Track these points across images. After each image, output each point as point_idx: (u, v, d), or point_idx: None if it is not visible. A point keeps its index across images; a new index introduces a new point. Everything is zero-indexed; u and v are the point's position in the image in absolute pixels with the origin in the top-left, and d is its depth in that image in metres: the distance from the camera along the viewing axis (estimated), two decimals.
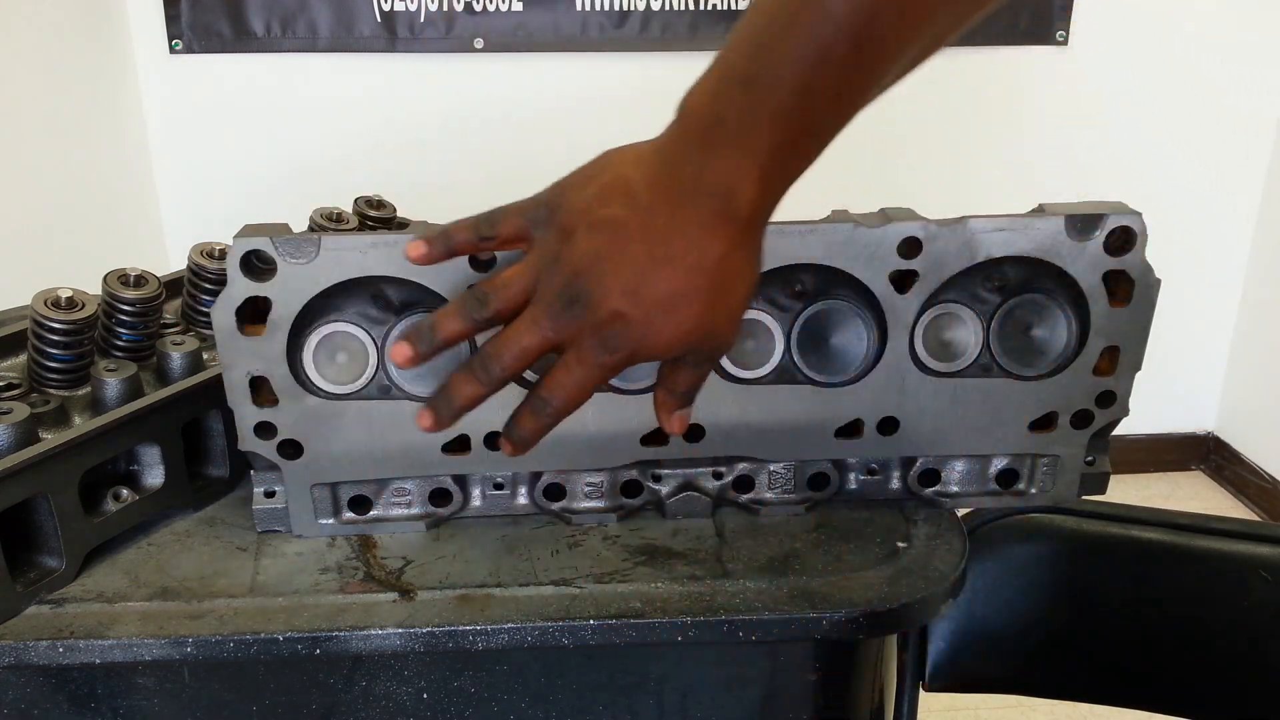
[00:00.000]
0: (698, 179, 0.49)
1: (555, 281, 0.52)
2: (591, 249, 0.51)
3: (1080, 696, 0.82)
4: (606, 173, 0.52)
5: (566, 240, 0.52)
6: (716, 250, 0.50)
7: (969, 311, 0.67)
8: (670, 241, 0.50)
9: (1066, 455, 0.71)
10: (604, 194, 0.51)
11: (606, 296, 0.51)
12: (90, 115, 1.97)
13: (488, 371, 0.54)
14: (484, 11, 2.11)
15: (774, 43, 0.47)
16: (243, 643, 0.59)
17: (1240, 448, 2.53)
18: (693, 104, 0.50)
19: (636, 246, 0.50)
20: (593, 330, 0.52)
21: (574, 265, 0.51)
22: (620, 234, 0.50)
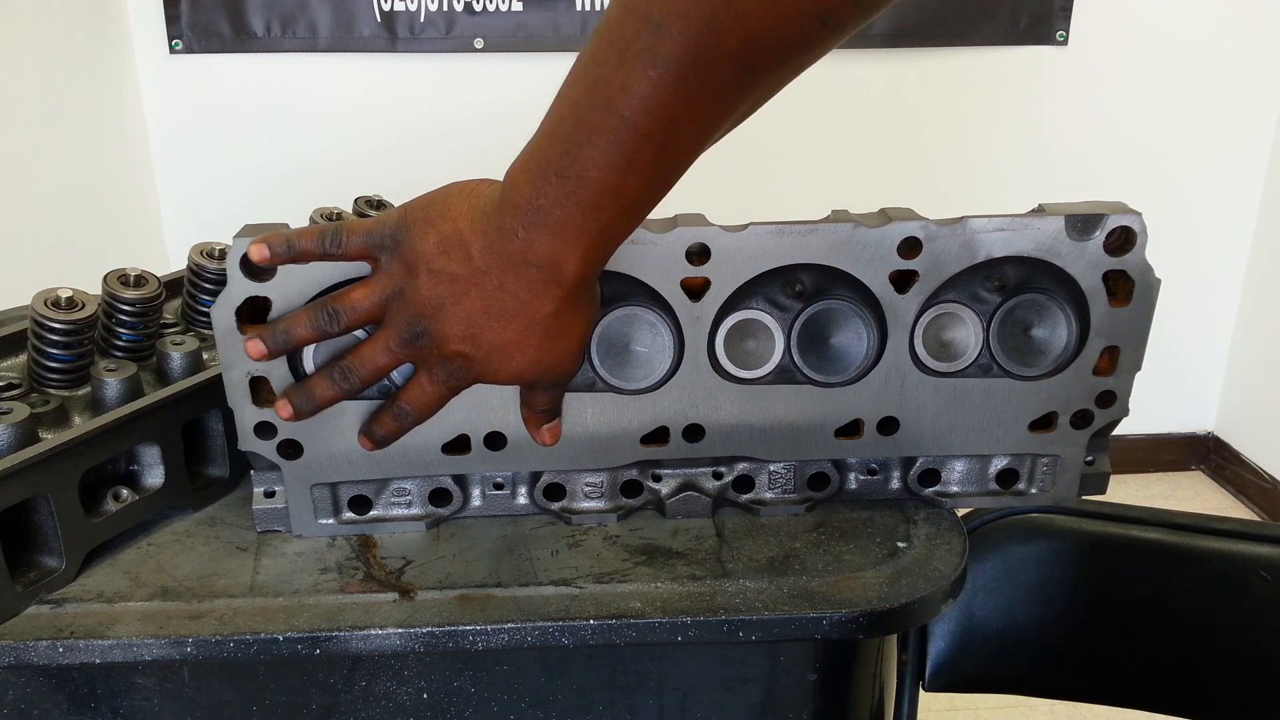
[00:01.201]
0: (524, 253, 0.53)
1: (403, 314, 0.57)
2: (434, 295, 0.56)
3: (1080, 697, 0.82)
4: (445, 222, 0.56)
5: (410, 277, 0.57)
6: (545, 310, 0.56)
7: (969, 311, 0.67)
8: (503, 301, 0.55)
9: (1066, 455, 0.71)
10: (443, 246, 0.55)
11: (448, 339, 0.56)
12: (90, 115, 1.97)
13: (347, 381, 0.60)
14: (484, 11, 2.11)
15: (582, 145, 0.50)
16: (243, 643, 0.59)
17: (1240, 448, 2.53)
18: (516, 185, 0.53)
19: (473, 301, 0.55)
20: (439, 361, 0.58)
21: (419, 305, 0.56)
22: (458, 287, 0.55)
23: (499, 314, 0.56)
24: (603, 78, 0.49)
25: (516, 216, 0.53)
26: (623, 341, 0.66)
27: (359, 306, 0.59)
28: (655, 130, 0.49)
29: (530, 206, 0.53)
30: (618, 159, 0.50)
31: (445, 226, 0.55)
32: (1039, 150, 2.35)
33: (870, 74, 2.25)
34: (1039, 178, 2.37)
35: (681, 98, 0.48)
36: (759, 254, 0.64)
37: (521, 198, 0.53)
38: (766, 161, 2.31)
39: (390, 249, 0.58)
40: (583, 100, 0.50)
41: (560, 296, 0.55)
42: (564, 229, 0.52)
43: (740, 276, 0.64)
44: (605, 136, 0.49)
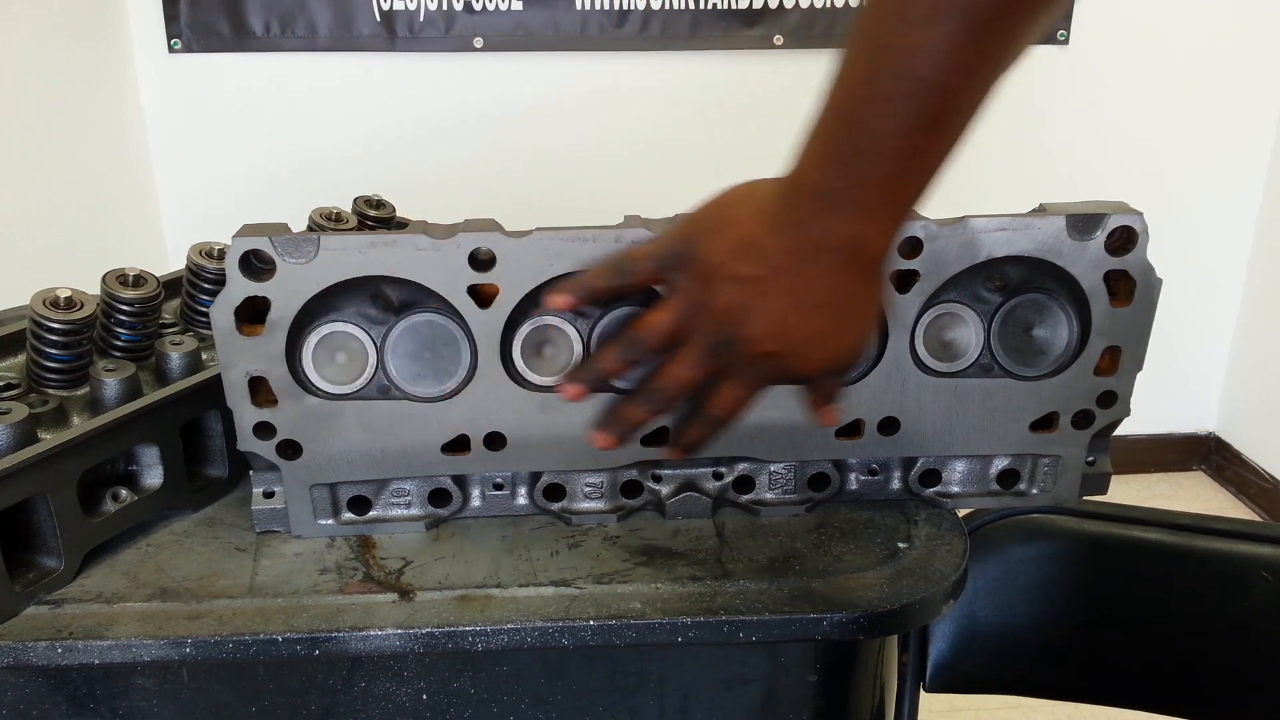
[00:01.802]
0: (823, 241, 0.53)
1: (705, 326, 0.57)
2: (735, 301, 0.55)
3: (1081, 697, 0.82)
4: (734, 227, 0.55)
5: (707, 288, 0.56)
6: (848, 293, 0.55)
7: (970, 311, 0.67)
8: (807, 293, 0.54)
9: (1068, 455, 0.71)
10: (736, 251, 0.55)
11: (756, 340, 0.56)
12: (89, 115, 1.97)
13: (654, 402, 0.60)
14: (483, 11, 2.11)
15: (875, 118, 0.49)
16: (242, 643, 0.59)
17: (1241, 448, 2.53)
18: (804, 174, 0.52)
19: (776, 299, 0.54)
20: (747, 364, 0.57)
21: (721, 313, 0.56)
22: (759, 288, 0.54)
23: (806, 307, 0.54)
24: (887, 45, 0.47)
25: (810, 205, 0.52)
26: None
27: (658, 329, 0.59)
28: (952, 84, 0.47)
29: (824, 192, 0.51)
30: (916, 123, 0.48)
31: (734, 232, 0.55)
32: (1039, 150, 2.35)
33: None
34: (1039, 177, 2.36)
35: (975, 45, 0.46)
36: None
37: (813, 185, 0.52)
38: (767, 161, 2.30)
39: (680, 268, 0.58)
40: (867, 72, 0.49)
41: (866, 276, 0.54)
42: (864, 207, 0.51)
43: None
44: (900, 103, 0.47)
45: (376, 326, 0.66)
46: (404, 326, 0.65)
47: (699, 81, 2.20)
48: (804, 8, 2.15)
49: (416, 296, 0.65)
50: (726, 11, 2.14)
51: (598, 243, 0.63)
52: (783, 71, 2.22)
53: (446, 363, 0.66)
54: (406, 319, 0.65)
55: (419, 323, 0.65)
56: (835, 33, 2.18)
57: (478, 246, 0.63)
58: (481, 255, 0.63)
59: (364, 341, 0.66)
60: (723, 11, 2.14)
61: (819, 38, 2.18)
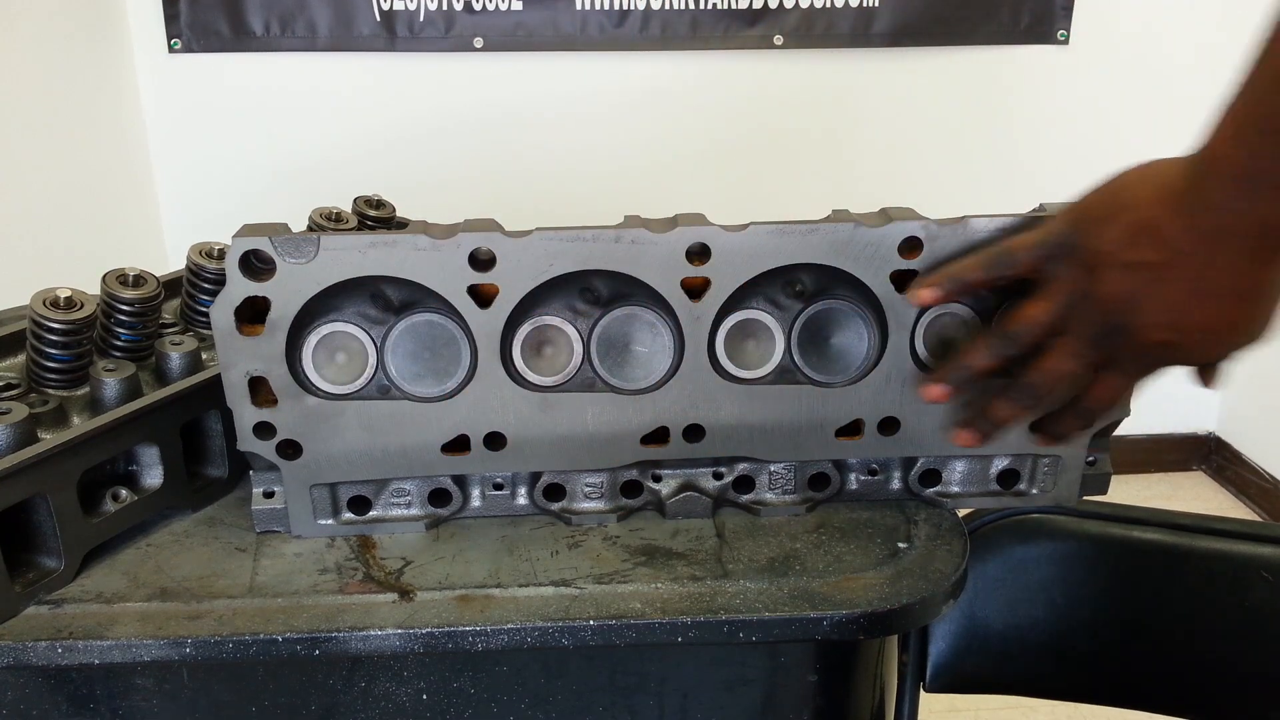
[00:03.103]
0: (1235, 222, 0.50)
1: (1090, 317, 0.55)
2: (1127, 289, 0.53)
3: (1081, 697, 0.82)
4: (1128, 212, 0.54)
5: (1094, 278, 0.54)
6: (1255, 279, 0.52)
7: (970, 311, 0.67)
8: (1210, 279, 0.52)
9: (1068, 455, 0.71)
10: (1131, 236, 0.53)
11: (1149, 329, 0.54)
12: (89, 115, 1.97)
13: (1033, 397, 0.59)
14: (483, 10, 2.11)
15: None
16: (242, 643, 0.59)
17: (1241, 448, 2.53)
18: (1219, 152, 0.50)
19: (1175, 285, 0.52)
20: (1135, 354, 0.55)
21: (1110, 303, 0.54)
22: (1156, 275, 0.53)
23: (1207, 294, 0.52)
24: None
25: (1228, 186, 0.49)
26: (623, 341, 0.66)
27: (1039, 320, 0.57)
28: None
29: (1238, 171, 0.49)
30: None
31: (1128, 217, 0.53)
32: (1040, 150, 2.35)
33: (870, 74, 2.25)
34: (1040, 177, 2.36)
35: None
36: (760, 254, 0.64)
37: (1226, 163, 0.49)
38: (767, 161, 2.31)
39: (1062, 256, 0.56)
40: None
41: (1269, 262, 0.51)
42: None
43: (741, 276, 0.64)
44: None
45: (376, 326, 0.66)
46: (404, 326, 0.65)
47: (699, 81, 2.20)
48: (804, 8, 2.15)
49: (416, 296, 0.65)
50: (726, 11, 2.14)
51: (597, 243, 0.63)
52: (783, 71, 2.22)
53: (446, 363, 0.66)
54: (406, 319, 0.65)
55: (419, 323, 0.65)
56: (835, 32, 2.18)
57: (478, 246, 0.63)
58: (481, 255, 0.63)
59: (364, 341, 0.66)
60: (723, 11, 2.14)
61: (819, 38, 2.18)
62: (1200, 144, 0.51)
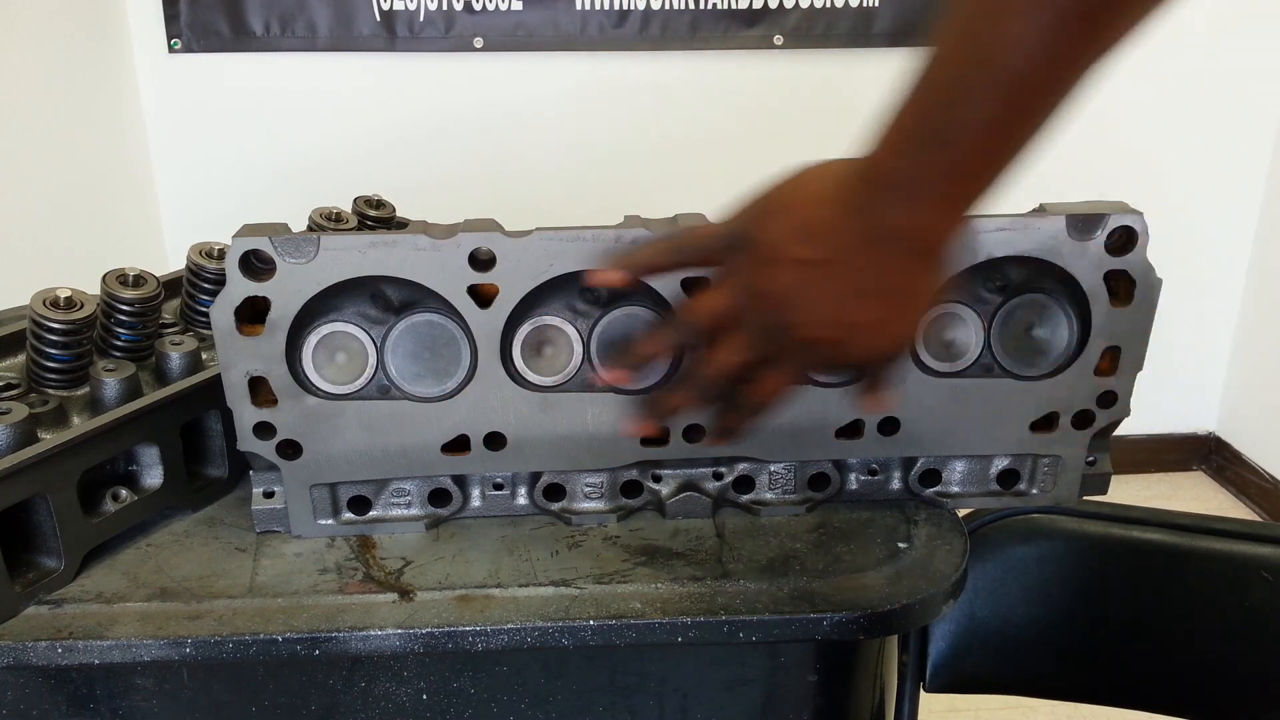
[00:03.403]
0: (890, 227, 0.51)
1: (759, 309, 0.56)
2: (792, 283, 0.54)
3: (1081, 697, 0.82)
4: (796, 210, 0.54)
5: (765, 270, 0.55)
6: (908, 280, 0.54)
7: (970, 311, 0.67)
8: (868, 279, 0.53)
9: (1068, 455, 0.71)
10: (798, 233, 0.54)
11: (810, 325, 0.54)
12: (89, 115, 1.97)
13: (700, 388, 0.59)
14: (483, 10, 2.11)
15: (959, 108, 0.47)
16: (242, 643, 0.59)
17: (1241, 448, 2.53)
18: (881, 159, 0.51)
19: (835, 283, 0.53)
20: (798, 349, 0.56)
21: (776, 296, 0.55)
22: (818, 272, 0.53)
23: (865, 293, 0.53)
24: (979, 31, 0.45)
25: (883, 192, 0.51)
26: (623, 341, 0.66)
27: (711, 311, 0.58)
28: (1044, 78, 0.45)
29: (899, 180, 0.50)
30: (1001, 116, 0.46)
31: (798, 213, 0.54)
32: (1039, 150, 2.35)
33: (870, 74, 2.25)
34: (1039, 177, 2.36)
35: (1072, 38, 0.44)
36: None
37: (888, 172, 0.50)
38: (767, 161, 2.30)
39: (737, 249, 0.56)
40: (955, 59, 0.47)
41: (925, 267, 0.53)
42: (938, 198, 0.50)
43: None
44: (987, 94, 0.46)
45: (376, 326, 0.66)
46: (404, 326, 0.65)
47: (699, 81, 2.20)
48: (804, 8, 2.15)
49: (416, 296, 0.64)
50: (726, 11, 2.14)
51: (597, 242, 0.63)
52: (783, 71, 2.22)
53: (446, 363, 0.66)
54: (406, 319, 0.65)
55: (419, 323, 0.65)
56: (835, 32, 2.18)
57: (478, 246, 0.63)
58: (481, 255, 0.63)
59: (364, 341, 0.66)
60: (723, 11, 2.14)
61: (819, 38, 2.18)
62: (868, 148, 0.51)
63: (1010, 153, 0.49)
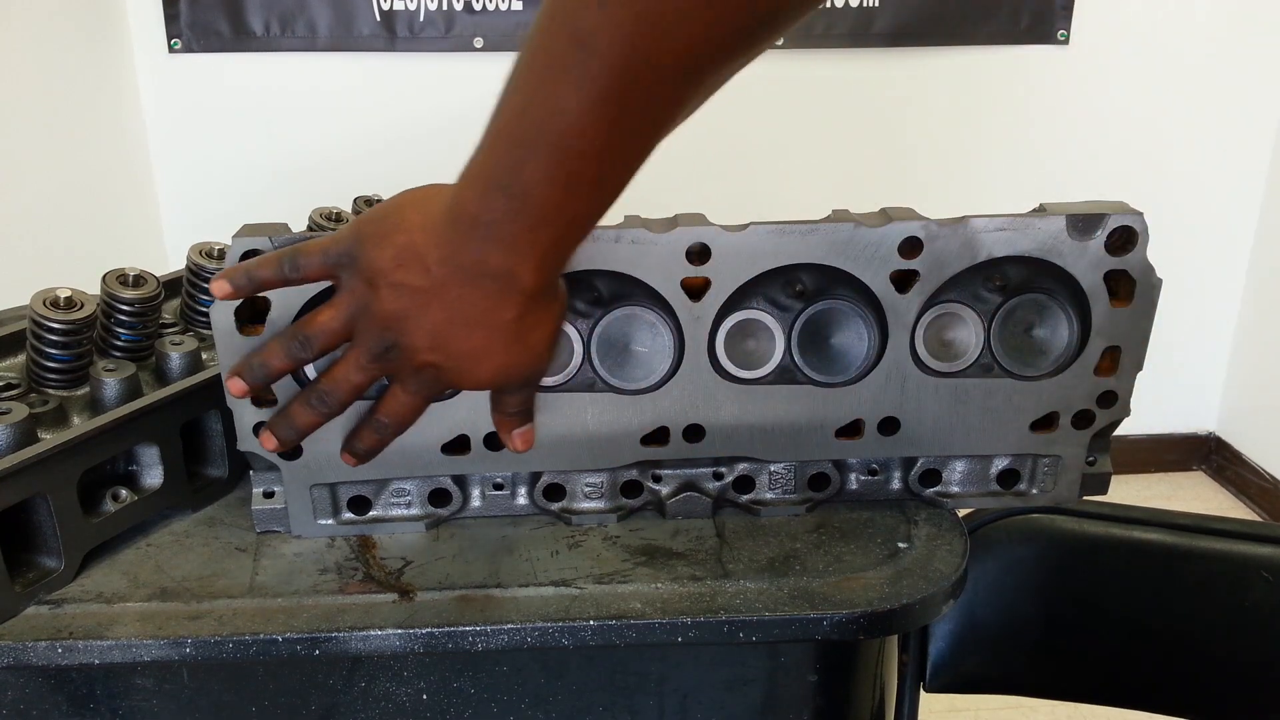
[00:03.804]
0: (479, 265, 0.52)
1: (370, 330, 0.57)
2: (397, 308, 0.55)
3: (1081, 697, 0.82)
4: (400, 234, 0.55)
5: (372, 292, 0.56)
6: (506, 317, 0.54)
7: (970, 311, 0.67)
8: (464, 310, 0.54)
9: (1068, 455, 0.71)
10: (399, 258, 0.54)
11: (416, 350, 0.56)
12: (89, 115, 1.97)
13: (325, 403, 0.60)
14: (483, 11, 2.11)
15: (522, 163, 0.49)
16: (242, 643, 0.59)
17: (1241, 448, 2.53)
18: (464, 199, 0.52)
19: (435, 312, 0.54)
20: (411, 372, 0.57)
21: (383, 318, 0.56)
22: (419, 299, 0.54)
23: (462, 323, 0.54)
24: (535, 98, 0.47)
25: (467, 230, 0.52)
26: (623, 341, 0.66)
27: (328, 328, 0.58)
28: (592, 148, 0.47)
29: (478, 221, 0.51)
30: (558, 176, 0.48)
31: (400, 239, 0.54)
32: (1040, 150, 2.35)
33: (870, 74, 2.25)
34: (1040, 177, 2.36)
35: (616, 114, 0.46)
36: (759, 254, 0.64)
37: (469, 212, 0.52)
38: (766, 161, 2.31)
39: (348, 266, 0.57)
40: (517, 119, 0.49)
41: (520, 304, 0.54)
42: (514, 243, 0.51)
43: (741, 276, 0.64)
44: (543, 155, 0.48)
45: None
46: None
47: None
48: None
49: None
50: None
51: (597, 243, 0.63)
52: (783, 71, 2.22)
53: None
54: None
55: None
56: (835, 33, 2.18)
57: None
58: None
59: None
60: None
61: (819, 38, 2.18)
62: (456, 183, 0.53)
63: (577, 209, 0.51)
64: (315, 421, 0.61)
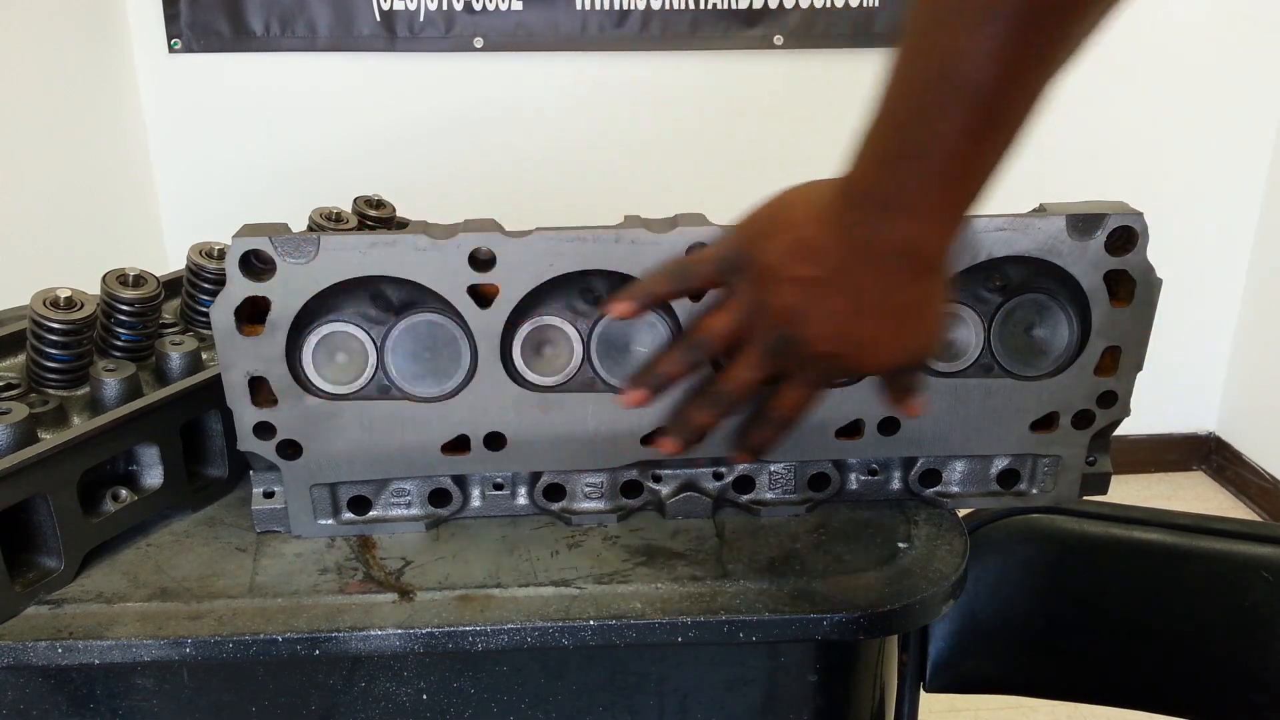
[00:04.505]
0: (880, 243, 0.52)
1: (764, 328, 0.57)
2: (793, 302, 0.55)
3: (1081, 697, 0.82)
4: (789, 230, 0.55)
5: (765, 290, 0.56)
6: (911, 295, 0.54)
7: (970, 311, 0.67)
8: (865, 294, 0.54)
9: (1068, 455, 0.71)
10: (792, 253, 0.54)
11: (815, 341, 0.55)
12: (89, 115, 1.97)
13: (718, 405, 0.61)
14: (483, 10, 2.11)
15: (926, 121, 0.48)
16: (242, 643, 0.59)
17: (1241, 448, 2.53)
18: (858, 175, 0.52)
19: (835, 300, 0.54)
20: (809, 364, 0.57)
21: (779, 315, 0.56)
22: (816, 290, 0.54)
23: (864, 309, 0.54)
24: (936, 46, 0.46)
25: (866, 208, 0.51)
26: (623, 341, 0.66)
27: (721, 331, 0.59)
28: (1002, 88, 0.46)
29: (880, 195, 0.50)
30: (965, 127, 0.47)
31: (790, 234, 0.54)
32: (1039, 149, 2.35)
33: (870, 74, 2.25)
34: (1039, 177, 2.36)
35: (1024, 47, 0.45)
36: None
37: (868, 187, 0.51)
38: (766, 161, 2.30)
39: (738, 269, 0.58)
40: (917, 74, 0.48)
41: (924, 278, 0.53)
42: (920, 210, 0.50)
43: None
44: (950, 107, 0.46)
45: (376, 326, 0.66)
46: (404, 326, 0.65)
47: (699, 81, 2.20)
48: (804, 8, 2.15)
49: (416, 296, 0.65)
50: (726, 11, 2.14)
51: (597, 243, 0.63)
52: (783, 71, 2.22)
53: (446, 363, 0.66)
54: (406, 319, 0.65)
55: (419, 323, 0.65)
56: (835, 33, 2.18)
57: (478, 246, 0.63)
58: (481, 255, 0.63)
59: (364, 341, 0.66)
60: (723, 11, 2.14)
61: (819, 38, 2.18)
62: (845, 164, 0.52)
63: (982, 164, 0.49)
64: (711, 422, 0.62)
